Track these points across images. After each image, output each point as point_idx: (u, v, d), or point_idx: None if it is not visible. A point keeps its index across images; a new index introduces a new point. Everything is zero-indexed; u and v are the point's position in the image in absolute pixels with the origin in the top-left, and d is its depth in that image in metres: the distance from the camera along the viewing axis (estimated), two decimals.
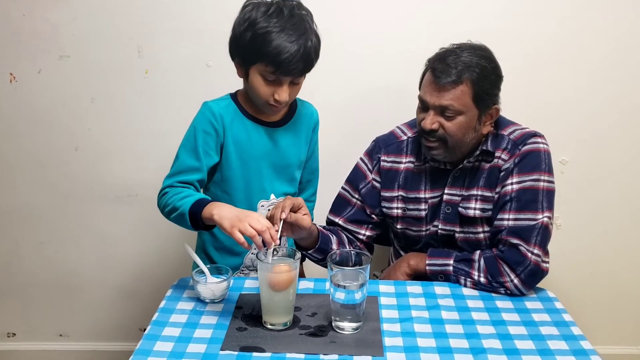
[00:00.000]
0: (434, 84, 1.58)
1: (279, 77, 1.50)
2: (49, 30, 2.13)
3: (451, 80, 1.55)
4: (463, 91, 1.56)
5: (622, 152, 2.22)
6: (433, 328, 1.40)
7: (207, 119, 1.58)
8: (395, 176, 1.76)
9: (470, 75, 1.56)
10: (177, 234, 2.10)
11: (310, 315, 1.44)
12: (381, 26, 2.11)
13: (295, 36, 1.47)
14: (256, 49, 1.48)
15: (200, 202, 1.46)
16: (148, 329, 1.38)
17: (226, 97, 1.66)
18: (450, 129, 1.59)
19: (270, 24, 1.46)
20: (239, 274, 1.73)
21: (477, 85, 1.57)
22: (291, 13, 1.49)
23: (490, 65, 1.60)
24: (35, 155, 2.28)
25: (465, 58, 1.57)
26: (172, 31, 2.12)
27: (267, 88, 1.52)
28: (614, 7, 2.07)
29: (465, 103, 1.57)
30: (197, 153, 1.57)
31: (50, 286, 2.43)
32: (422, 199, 1.73)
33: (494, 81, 1.62)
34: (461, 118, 1.58)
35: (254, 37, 1.47)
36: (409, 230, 1.76)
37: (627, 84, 2.15)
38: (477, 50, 1.60)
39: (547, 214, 1.59)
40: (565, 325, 1.43)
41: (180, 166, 1.58)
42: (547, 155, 1.64)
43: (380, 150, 1.79)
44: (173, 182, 1.56)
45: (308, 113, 1.73)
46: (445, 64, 1.57)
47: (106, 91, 2.20)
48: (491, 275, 1.57)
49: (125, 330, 2.46)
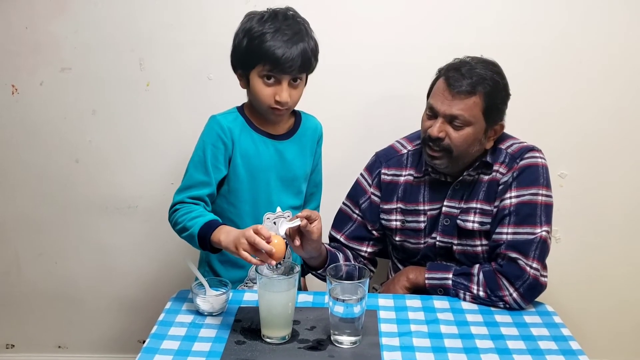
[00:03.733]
0: (446, 92, 1.59)
1: (277, 76, 1.53)
2: (50, 43, 2.14)
3: (465, 90, 1.56)
4: (475, 102, 1.57)
5: (621, 165, 2.22)
6: (432, 342, 1.40)
7: (215, 132, 1.59)
8: (395, 189, 1.76)
9: (484, 88, 1.57)
10: (177, 245, 2.09)
11: (309, 329, 1.44)
12: (385, 39, 2.11)
13: (290, 34, 1.51)
14: (253, 52, 1.51)
15: (209, 225, 1.48)
16: (147, 342, 1.38)
17: (233, 110, 1.67)
18: (456, 139, 1.59)
19: (265, 27, 1.52)
20: (244, 287, 1.73)
21: (489, 99, 1.58)
22: (285, 16, 1.55)
23: (502, 81, 1.62)
24: (35, 166, 2.28)
25: (480, 70, 1.59)
26: (173, 44, 2.13)
27: (267, 90, 1.54)
28: (612, 18, 2.07)
29: (475, 115, 1.58)
30: (207, 167, 1.59)
31: (50, 297, 2.43)
32: (421, 211, 1.73)
33: (504, 98, 1.63)
34: (469, 129, 1.59)
35: (250, 41, 1.52)
36: (407, 243, 1.77)
37: (625, 97, 2.15)
38: (490, 65, 1.62)
39: (546, 228, 1.59)
40: (564, 339, 1.43)
41: (189, 181, 1.60)
42: (545, 169, 1.64)
43: (381, 164, 1.79)
44: (184, 197, 1.58)
45: (312, 126, 1.75)
46: (460, 74, 1.58)
47: (107, 103, 2.21)
48: (490, 289, 1.57)
49: (124, 342, 2.46)
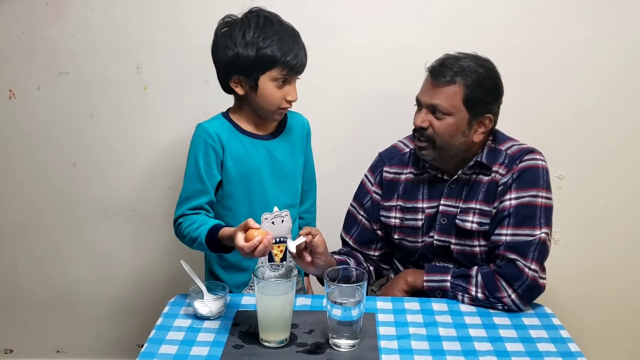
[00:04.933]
0: (428, 83, 1.64)
1: (290, 77, 1.59)
2: (48, 47, 2.14)
3: (444, 80, 1.60)
4: (455, 92, 1.60)
5: (620, 167, 2.22)
6: (430, 345, 1.39)
7: (204, 140, 1.61)
8: (396, 186, 1.78)
9: (464, 79, 1.60)
10: (175, 249, 2.10)
11: (307, 332, 1.43)
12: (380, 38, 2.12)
13: (292, 37, 1.58)
14: (267, 59, 1.55)
15: (213, 231, 1.51)
16: (145, 347, 1.38)
17: (218, 116, 1.69)
18: (438, 128, 1.62)
19: (268, 33, 1.55)
20: (249, 290, 1.73)
21: (470, 89, 1.60)
22: (277, 19, 1.59)
23: (488, 73, 1.63)
24: (33, 171, 2.28)
25: (464, 63, 1.61)
26: (170, 47, 2.13)
27: (279, 92, 1.59)
28: (610, 22, 2.08)
29: (455, 104, 1.60)
30: (201, 176, 1.60)
31: (48, 302, 2.43)
32: (419, 208, 1.74)
33: (490, 90, 1.64)
34: (450, 119, 1.61)
35: (260, 49, 1.54)
36: (405, 241, 1.77)
37: (624, 99, 2.15)
38: (478, 59, 1.64)
39: (545, 230, 1.59)
40: (563, 341, 1.42)
41: (187, 192, 1.62)
42: (545, 172, 1.64)
43: (384, 163, 1.81)
44: (184, 210, 1.60)
45: (299, 123, 1.76)
46: (443, 66, 1.62)
47: (105, 107, 2.21)
48: (489, 290, 1.57)
49: (122, 347, 2.45)
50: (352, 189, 1.87)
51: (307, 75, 1.64)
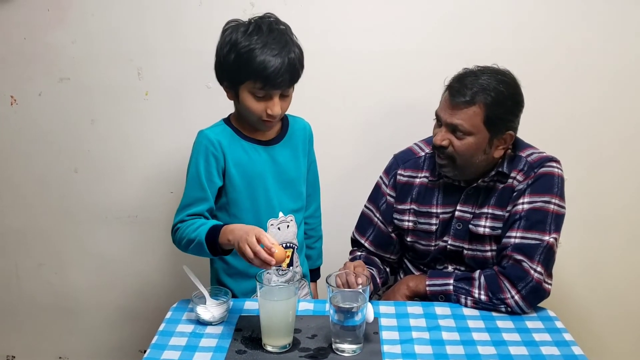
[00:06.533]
0: (448, 102, 1.60)
1: (269, 91, 1.53)
2: (49, 53, 2.15)
3: (464, 100, 1.56)
4: (475, 112, 1.57)
5: (622, 170, 2.22)
6: (434, 349, 1.39)
7: (205, 147, 1.60)
8: (410, 190, 1.77)
9: (485, 99, 1.56)
10: (177, 255, 2.09)
11: (310, 337, 1.43)
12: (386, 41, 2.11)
13: (278, 49, 1.50)
14: (242, 68, 1.51)
15: (214, 229, 1.49)
16: (147, 353, 1.37)
17: (220, 122, 1.68)
18: (459, 148, 1.60)
19: (252, 42, 1.50)
20: (256, 297, 1.72)
21: (490, 109, 1.57)
22: (270, 29, 1.53)
23: (509, 90, 1.59)
24: (35, 176, 2.28)
25: (484, 81, 1.58)
26: (171, 53, 2.13)
27: (258, 104, 1.55)
28: (611, 24, 2.08)
29: (476, 125, 1.58)
30: (201, 183, 1.59)
31: (50, 308, 2.43)
32: (433, 213, 1.74)
33: (511, 107, 1.61)
34: (470, 139, 1.59)
35: (238, 57, 1.51)
36: (418, 244, 1.77)
37: (625, 101, 2.15)
38: (498, 74, 1.60)
39: (554, 235, 1.59)
40: (566, 345, 1.42)
41: (187, 199, 1.61)
42: (560, 180, 1.64)
43: (398, 166, 1.81)
44: (183, 216, 1.59)
45: (301, 127, 1.75)
46: (462, 84, 1.58)
47: (106, 113, 2.21)
48: (492, 292, 1.56)
49: (125, 352, 2.45)
50: (359, 192, 1.87)
51: (320, 79, 1.61)
